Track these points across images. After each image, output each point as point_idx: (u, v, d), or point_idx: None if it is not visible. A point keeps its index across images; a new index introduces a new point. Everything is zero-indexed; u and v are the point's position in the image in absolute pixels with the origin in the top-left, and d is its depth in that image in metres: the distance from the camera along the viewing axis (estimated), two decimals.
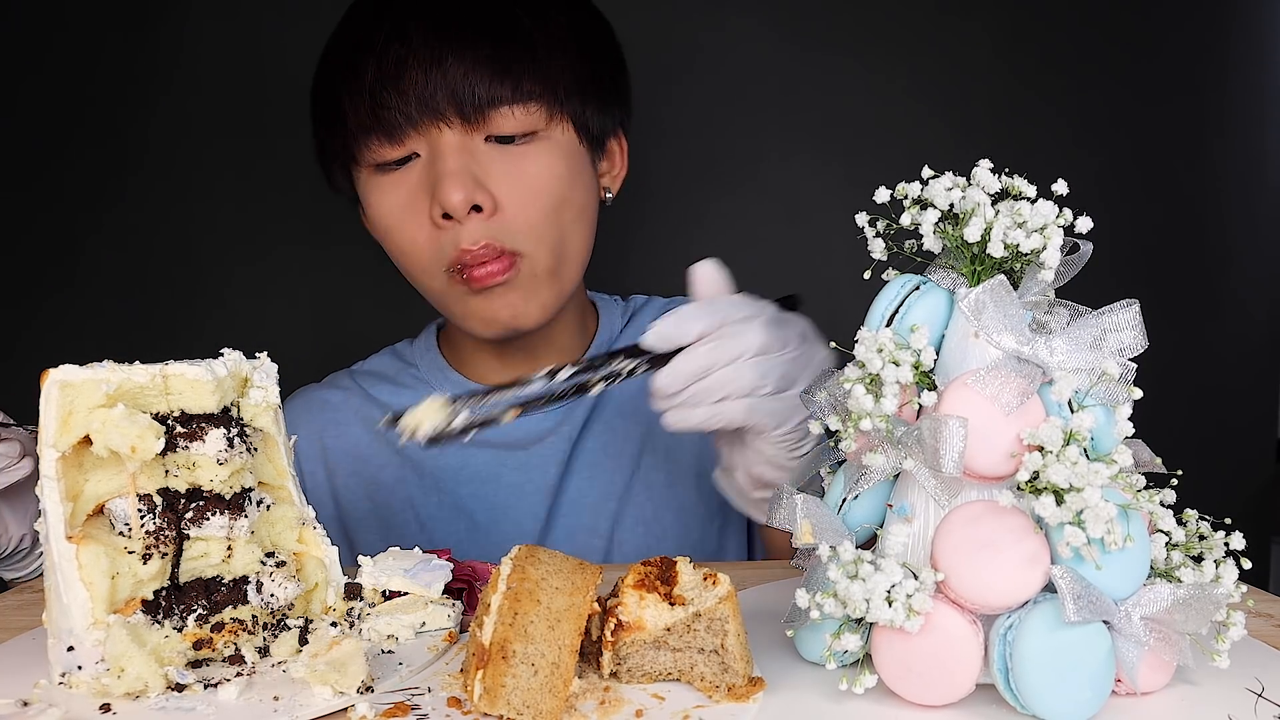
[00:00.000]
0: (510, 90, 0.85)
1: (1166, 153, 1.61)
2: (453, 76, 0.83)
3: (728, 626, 0.54)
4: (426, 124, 0.85)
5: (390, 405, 1.02)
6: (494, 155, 0.87)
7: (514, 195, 0.87)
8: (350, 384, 1.06)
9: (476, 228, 0.86)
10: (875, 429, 0.53)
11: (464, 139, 0.86)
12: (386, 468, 1.01)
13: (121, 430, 0.54)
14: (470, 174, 0.85)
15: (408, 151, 0.87)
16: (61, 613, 0.54)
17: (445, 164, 0.85)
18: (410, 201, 0.88)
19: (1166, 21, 1.59)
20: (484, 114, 0.85)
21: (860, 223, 0.56)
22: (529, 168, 0.87)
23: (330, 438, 1.02)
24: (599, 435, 1.00)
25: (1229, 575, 0.52)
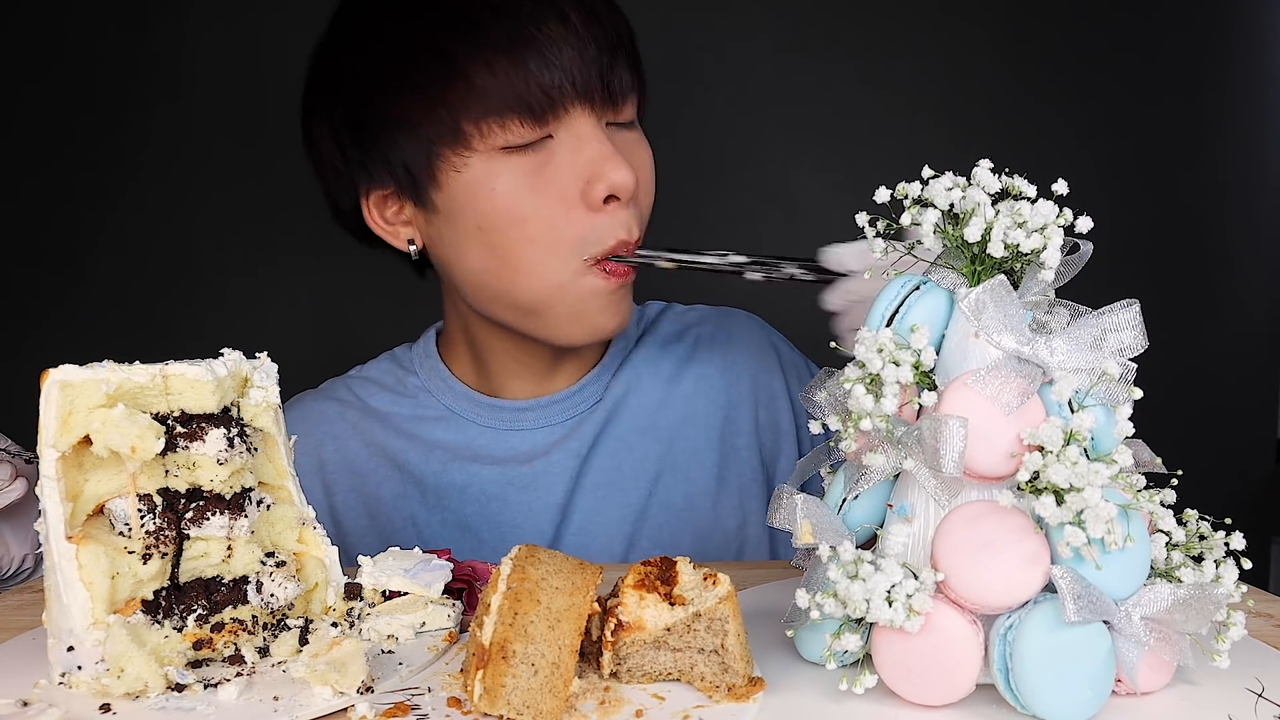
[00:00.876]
0: (635, 77, 0.85)
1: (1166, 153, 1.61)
2: (600, 55, 0.81)
3: (728, 626, 0.54)
4: (569, 105, 0.80)
5: (390, 415, 0.99)
6: (621, 140, 0.84)
7: (645, 182, 0.86)
8: (348, 394, 1.01)
9: (631, 214, 0.83)
10: (875, 429, 0.53)
11: (598, 122, 0.83)
12: (386, 483, 0.97)
13: (121, 430, 0.54)
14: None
15: (543, 133, 0.81)
16: (61, 613, 0.54)
17: (603, 144, 0.81)
18: (550, 186, 0.81)
19: (1166, 21, 1.59)
20: (625, 98, 0.84)
21: (860, 223, 0.56)
22: (643, 153, 0.87)
23: (328, 452, 0.98)
24: (613, 453, 0.97)
25: (1229, 575, 0.52)
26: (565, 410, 0.97)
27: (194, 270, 1.49)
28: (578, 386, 0.98)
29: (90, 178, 1.48)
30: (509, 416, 0.97)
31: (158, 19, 1.46)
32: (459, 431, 0.97)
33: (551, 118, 0.80)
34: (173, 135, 1.47)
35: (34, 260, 1.48)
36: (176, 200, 1.48)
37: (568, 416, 0.97)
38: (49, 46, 1.46)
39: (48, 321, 1.49)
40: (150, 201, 1.48)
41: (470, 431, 0.97)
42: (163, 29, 1.46)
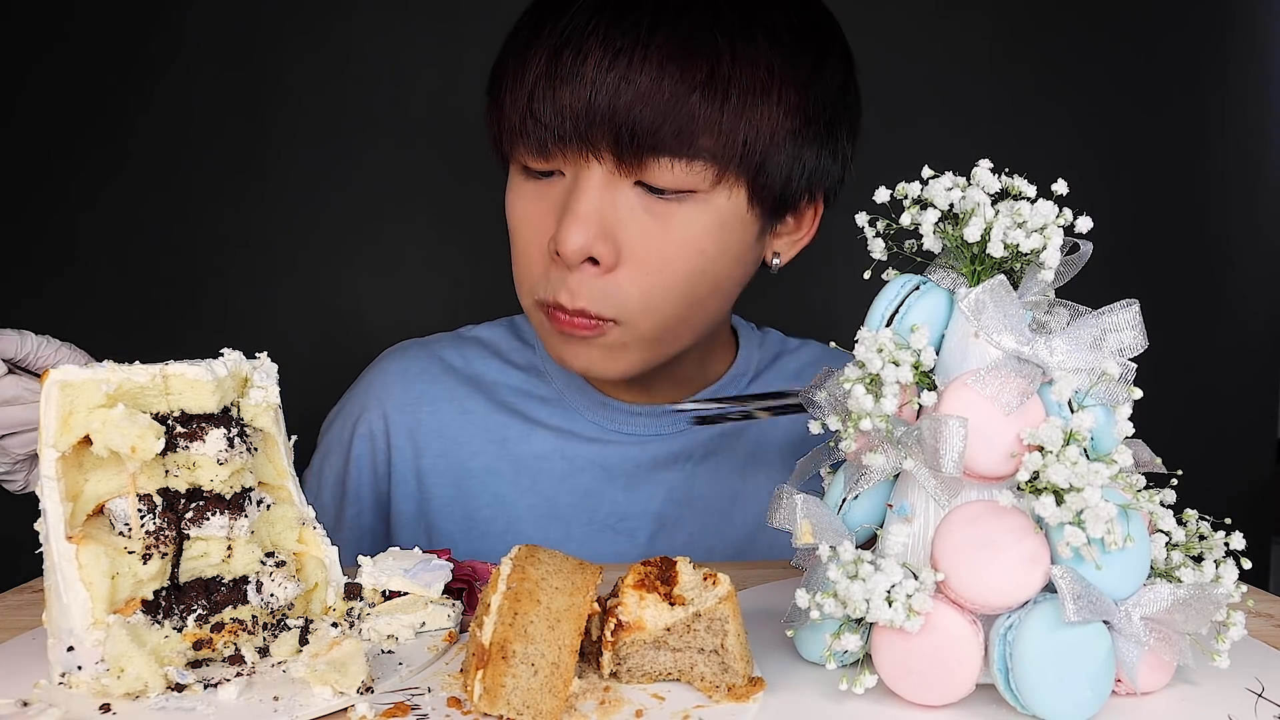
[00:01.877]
0: (680, 142, 0.73)
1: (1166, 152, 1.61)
2: (619, 106, 0.72)
3: (728, 626, 0.54)
4: (574, 150, 0.75)
5: (496, 384, 0.96)
6: (636, 204, 0.76)
7: (641, 256, 0.77)
8: (455, 355, 0.97)
9: (583, 281, 0.77)
10: (875, 429, 0.53)
11: (611, 178, 0.75)
12: (479, 456, 0.94)
13: (121, 430, 0.54)
14: (600, 220, 0.75)
15: (553, 168, 0.78)
16: (61, 613, 0.54)
17: (577, 202, 0.75)
18: (539, 218, 0.79)
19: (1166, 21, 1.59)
20: (641, 160, 0.74)
21: (860, 223, 0.56)
22: (674, 230, 0.76)
23: (424, 413, 0.95)
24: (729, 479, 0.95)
25: (1229, 575, 0.52)
26: (676, 422, 0.94)
27: (194, 270, 1.49)
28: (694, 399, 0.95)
29: (90, 177, 1.48)
30: (619, 418, 0.94)
31: (158, 19, 1.46)
32: (566, 419, 0.95)
33: (553, 156, 0.76)
34: (173, 135, 1.47)
35: (34, 260, 1.48)
36: (177, 200, 1.48)
37: (679, 429, 0.95)
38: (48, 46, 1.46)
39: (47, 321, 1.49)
40: (150, 201, 1.48)
41: (578, 423, 0.94)
42: (163, 29, 1.46)
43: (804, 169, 0.80)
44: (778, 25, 0.76)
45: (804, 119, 0.78)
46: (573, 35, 0.74)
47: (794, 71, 0.76)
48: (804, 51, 0.78)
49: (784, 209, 0.82)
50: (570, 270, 0.77)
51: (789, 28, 0.77)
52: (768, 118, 0.75)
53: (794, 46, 0.77)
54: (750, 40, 0.74)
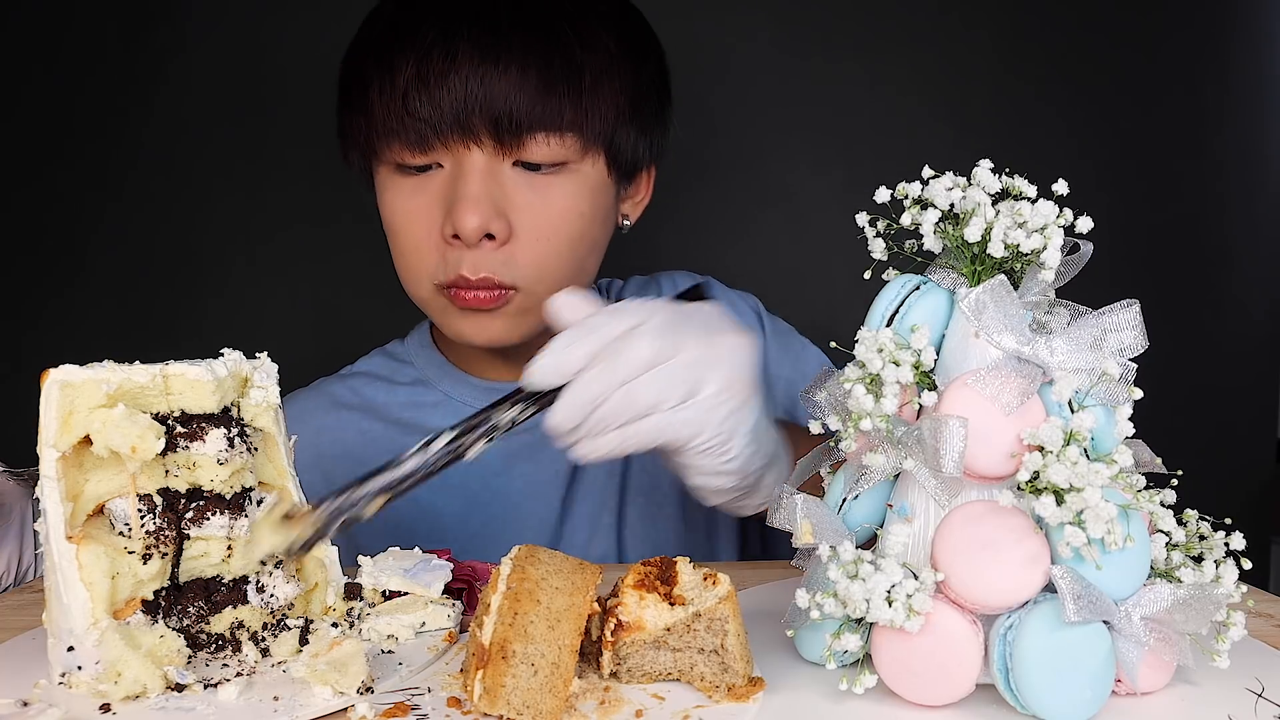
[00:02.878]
0: (551, 119, 0.82)
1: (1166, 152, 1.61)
2: (494, 96, 0.80)
3: (728, 626, 0.54)
4: (455, 140, 0.82)
5: (386, 405, 1.00)
6: (519, 181, 0.84)
7: (531, 227, 0.84)
8: (341, 389, 1.03)
9: (482, 256, 0.84)
10: (875, 429, 0.53)
11: (492, 161, 0.83)
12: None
13: (122, 430, 0.54)
14: (491, 200, 0.82)
15: (431, 161, 0.85)
16: (61, 613, 0.54)
17: (467, 186, 0.82)
18: (424, 210, 0.85)
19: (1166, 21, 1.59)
20: (520, 140, 0.82)
21: (860, 223, 0.56)
22: (554, 200, 0.85)
23: (325, 443, 0.99)
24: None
25: (1229, 575, 0.52)
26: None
27: (194, 270, 1.49)
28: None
29: (90, 177, 1.48)
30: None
31: (158, 18, 1.46)
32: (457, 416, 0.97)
33: (433, 149, 0.83)
34: (173, 135, 1.47)
35: (34, 260, 1.48)
36: (177, 200, 1.48)
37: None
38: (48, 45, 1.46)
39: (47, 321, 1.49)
40: (150, 201, 1.48)
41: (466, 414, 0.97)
42: (162, 28, 1.46)
43: (645, 139, 0.91)
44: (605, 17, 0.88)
45: (640, 94, 0.89)
46: (438, 40, 0.81)
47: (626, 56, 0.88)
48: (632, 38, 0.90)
49: (632, 174, 0.93)
50: (468, 249, 0.83)
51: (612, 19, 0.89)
52: (613, 96, 0.86)
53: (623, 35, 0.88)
54: (591, 31, 0.85)
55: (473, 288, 0.84)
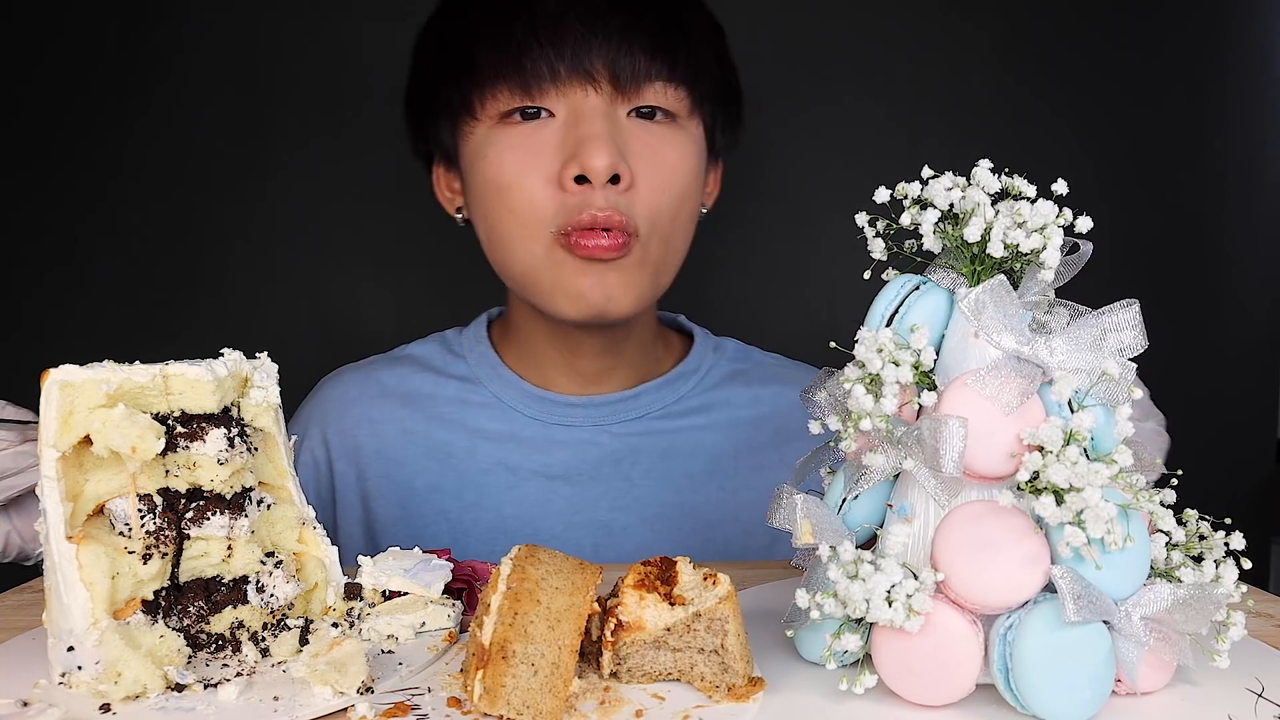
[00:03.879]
0: (668, 68, 0.83)
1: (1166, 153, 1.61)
2: (613, 41, 0.81)
3: (728, 626, 0.54)
4: (572, 84, 0.81)
5: (434, 397, 0.97)
6: (635, 129, 0.84)
7: (650, 174, 0.83)
8: (390, 376, 0.99)
9: (609, 196, 0.81)
10: (875, 429, 0.53)
11: (609, 106, 0.83)
12: (422, 475, 0.95)
13: (122, 430, 0.54)
14: (615, 142, 0.81)
15: (540, 106, 0.83)
16: (61, 613, 0.54)
17: (591, 126, 0.81)
18: (535, 159, 0.83)
19: (1166, 21, 1.59)
20: (639, 85, 0.82)
21: (860, 223, 0.56)
22: (668, 151, 0.85)
23: (364, 435, 0.96)
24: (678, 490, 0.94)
25: (1229, 575, 0.52)
26: (617, 414, 0.95)
27: (194, 270, 1.49)
28: (634, 392, 0.95)
29: (90, 177, 1.48)
30: (558, 411, 0.95)
31: (157, 18, 1.46)
32: (506, 422, 0.95)
33: (541, 92, 0.82)
34: (173, 135, 1.47)
35: (33, 260, 1.48)
36: (177, 200, 1.48)
37: (618, 420, 0.95)
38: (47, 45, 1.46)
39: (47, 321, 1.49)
40: (150, 201, 1.48)
41: (518, 423, 0.95)
42: (162, 28, 1.46)
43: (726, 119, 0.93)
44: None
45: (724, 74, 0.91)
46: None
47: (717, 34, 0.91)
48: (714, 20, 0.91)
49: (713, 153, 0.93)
50: (595, 190, 0.81)
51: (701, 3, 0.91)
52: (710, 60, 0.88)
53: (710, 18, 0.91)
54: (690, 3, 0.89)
55: (597, 230, 0.81)
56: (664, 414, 0.96)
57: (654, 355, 0.98)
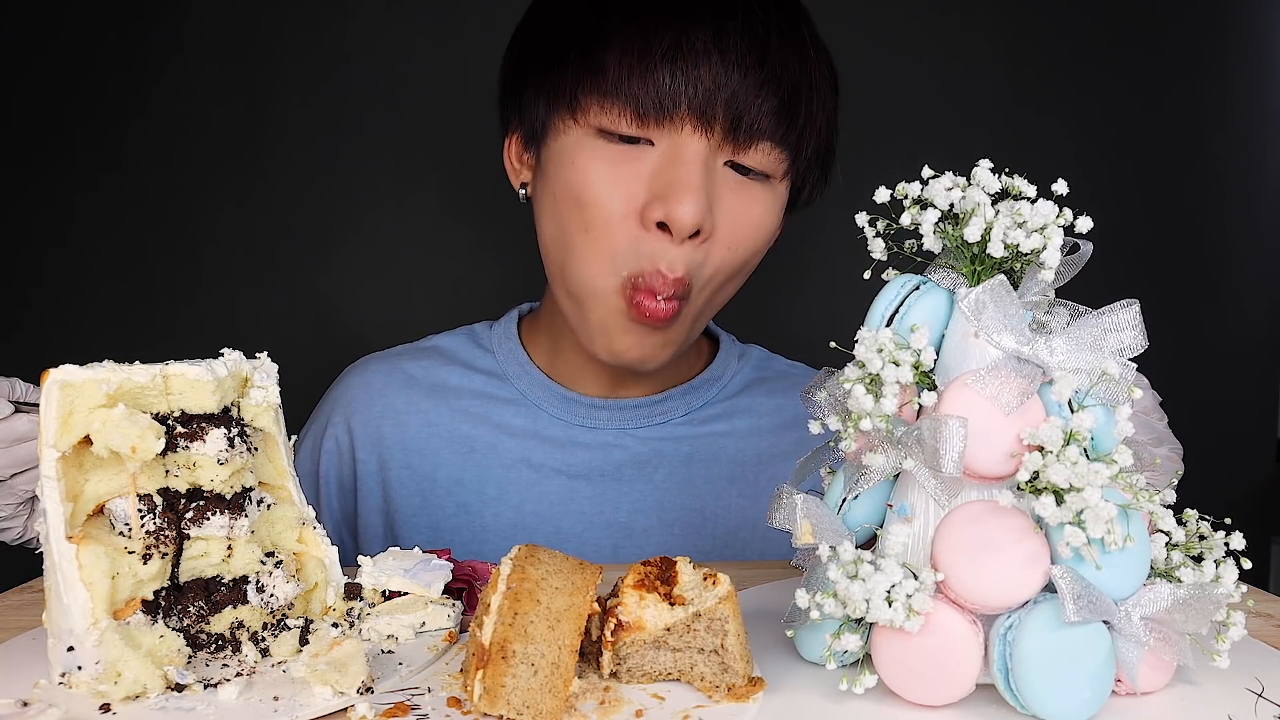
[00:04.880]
0: (783, 129, 0.80)
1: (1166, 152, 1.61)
2: (746, 91, 0.77)
3: (728, 626, 0.54)
4: (684, 121, 0.78)
5: (460, 390, 0.96)
6: (729, 182, 0.81)
7: (729, 229, 0.81)
8: (416, 367, 0.99)
9: (685, 253, 0.79)
10: (875, 429, 0.53)
11: (710, 154, 0.79)
12: (443, 467, 0.95)
13: (122, 430, 0.54)
14: (706, 195, 0.78)
15: (644, 135, 0.79)
16: (62, 613, 0.54)
17: (690, 174, 0.77)
18: (623, 186, 0.79)
19: (1166, 21, 1.59)
20: (750, 142, 0.79)
21: (860, 223, 0.56)
22: (754, 209, 0.82)
23: (388, 426, 0.96)
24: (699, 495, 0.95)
25: (1229, 575, 0.52)
26: (641, 418, 0.95)
27: (194, 270, 1.49)
28: (659, 397, 0.95)
29: (89, 176, 1.48)
30: (583, 413, 0.95)
31: (157, 17, 1.46)
32: (531, 420, 0.95)
33: (655, 124, 0.78)
34: (173, 134, 1.47)
35: (33, 260, 1.48)
36: (177, 200, 1.48)
37: (642, 424, 0.95)
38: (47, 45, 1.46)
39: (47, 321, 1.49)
40: (150, 200, 1.48)
41: (542, 422, 0.95)
42: (162, 28, 1.46)
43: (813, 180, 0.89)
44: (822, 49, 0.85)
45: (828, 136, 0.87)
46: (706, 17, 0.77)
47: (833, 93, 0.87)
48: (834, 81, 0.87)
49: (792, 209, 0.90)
50: (673, 243, 0.78)
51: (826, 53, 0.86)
52: (818, 129, 0.84)
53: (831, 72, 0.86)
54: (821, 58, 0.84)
55: (659, 295, 0.79)
56: (687, 420, 0.97)
57: (684, 360, 0.98)
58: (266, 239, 1.49)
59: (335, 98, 1.48)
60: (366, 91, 1.48)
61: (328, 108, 1.48)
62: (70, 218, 1.49)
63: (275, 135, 1.48)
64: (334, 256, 1.50)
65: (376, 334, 1.16)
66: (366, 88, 1.48)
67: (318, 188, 1.49)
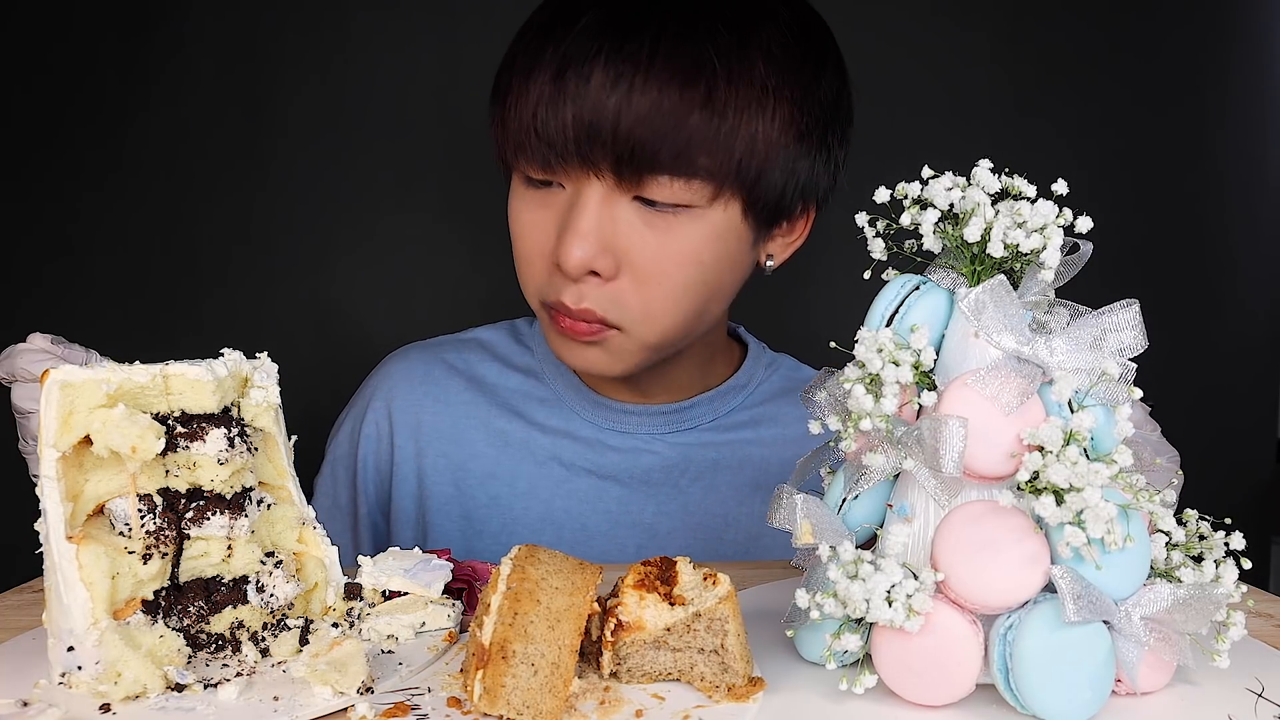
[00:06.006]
0: (678, 162, 0.75)
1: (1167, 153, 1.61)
2: (620, 129, 0.74)
3: (728, 626, 0.54)
4: (576, 167, 0.77)
5: (497, 387, 0.98)
6: (635, 219, 0.78)
7: (641, 267, 0.79)
8: (457, 358, 1.00)
9: (586, 289, 0.80)
10: (875, 429, 0.53)
11: (611, 194, 0.78)
12: (478, 459, 0.96)
13: (122, 430, 0.54)
14: (600, 235, 0.78)
15: (554, 179, 0.80)
16: (62, 613, 0.54)
17: (579, 217, 0.78)
18: (541, 227, 0.82)
19: (1166, 21, 1.59)
20: (640, 179, 0.76)
21: (860, 223, 0.56)
22: (672, 243, 0.79)
23: (427, 413, 0.98)
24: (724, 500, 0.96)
25: (1229, 575, 0.52)
26: (670, 424, 0.96)
27: (194, 270, 1.49)
28: (688, 404, 0.96)
29: (90, 176, 1.48)
30: (614, 417, 0.96)
31: (157, 19, 1.46)
32: (563, 420, 0.97)
33: (562, 169, 0.78)
34: (173, 134, 1.47)
35: (33, 260, 1.48)
36: (177, 200, 1.48)
37: (671, 430, 0.96)
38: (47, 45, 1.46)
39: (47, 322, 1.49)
40: (150, 201, 1.48)
41: (574, 423, 0.97)
42: (162, 30, 1.46)
43: (798, 180, 0.82)
44: (773, 42, 0.78)
45: (798, 133, 0.80)
46: (576, 56, 0.76)
47: (789, 88, 0.78)
48: (800, 67, 0.80)
49: (778, 218, 0.85)
50: (575, 282, 0.80)
51: (784, 44, 0.79)
52: (763, 134, 0.77)
53: (789, 63, 0.79)
54: (746, 60, 0.76)
55: (572, 317, 0.81)
56: (714, 426, 0.97)
57: (712, 367, 0.98)
58: (267, 238, 1.49)
59: (337, 98, 1.48)
60: (368, 92, 1.48)
61: (329, 108, 1.48)
62: (70, 218, 1.48)
63: (276, 135, 1.48)
64: (335, 256, 1.50)
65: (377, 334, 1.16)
66: (368, 88, 1.48)
67: (319, 187, 1.49)
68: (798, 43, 0.80)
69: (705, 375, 0.98)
